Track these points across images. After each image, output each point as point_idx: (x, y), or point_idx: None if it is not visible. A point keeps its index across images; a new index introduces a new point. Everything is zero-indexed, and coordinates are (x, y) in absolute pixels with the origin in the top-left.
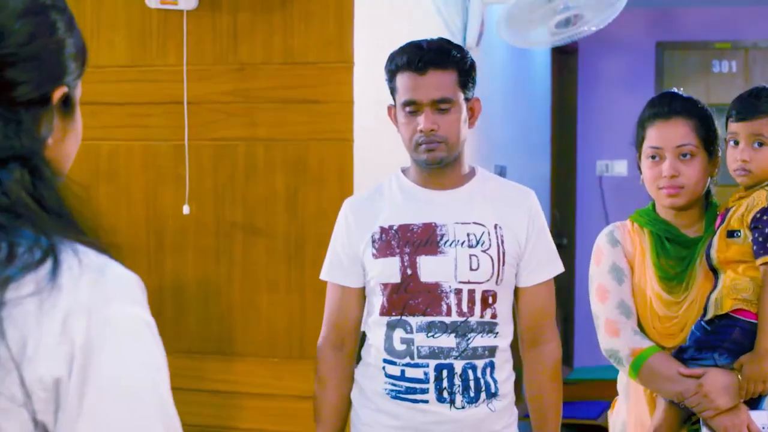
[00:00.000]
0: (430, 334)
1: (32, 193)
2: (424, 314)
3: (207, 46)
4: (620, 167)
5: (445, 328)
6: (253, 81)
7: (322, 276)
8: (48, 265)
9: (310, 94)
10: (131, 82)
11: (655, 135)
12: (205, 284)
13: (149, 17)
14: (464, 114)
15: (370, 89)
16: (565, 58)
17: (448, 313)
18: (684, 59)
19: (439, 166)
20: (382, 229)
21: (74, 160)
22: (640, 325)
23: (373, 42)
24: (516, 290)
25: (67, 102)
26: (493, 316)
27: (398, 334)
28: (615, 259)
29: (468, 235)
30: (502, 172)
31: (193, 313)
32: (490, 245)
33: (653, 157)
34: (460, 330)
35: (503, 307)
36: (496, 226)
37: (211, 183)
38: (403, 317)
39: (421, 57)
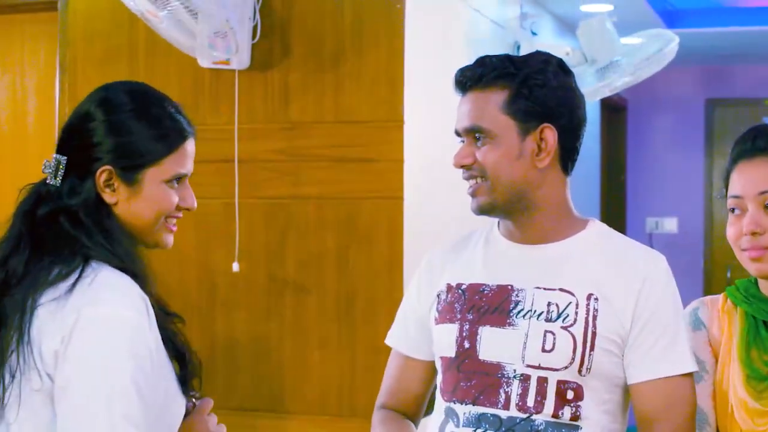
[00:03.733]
0: (479, 431)
1: (78, 227)
2: (475, 402)
3: (258, 105)
4: (670, 224)
5: (498, 425)
6: (303, 140)
7: (386, 340)
8: (73, 279)
9: (361, 152)
10: None
11: (736, 181)
12: (255, 342)
13: (201, 76)
14: (514, 148)
15: (420, 148)
16: (614, 114)
17: (506, 406)
18: (734, 116)
19: (489, 215)
20: (449, 288)
21: None
22: None
23: (424, 101)
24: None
25: (128, 177)
26: (575, 417)
27: (448, 426)
28: (694, 347)
29: (549, 304)
30: None
31: (244, 371)
32: (575, 321)
33: (733, 210)
34: (519, 430)
35: (596, 407)
36: (590, 296)
37: (262, 241)
38: (451, 405)
39: (463, 73)
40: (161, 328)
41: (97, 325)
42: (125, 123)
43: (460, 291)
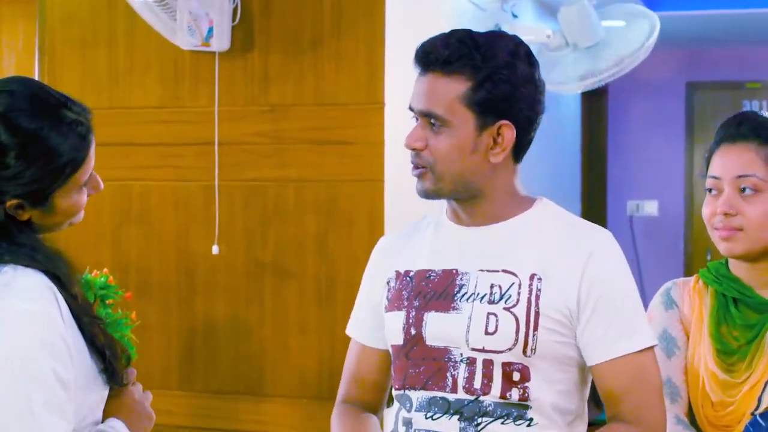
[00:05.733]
0: (429, 415)
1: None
2: (425, 388)
3: (238, 87)
4: (651, 207)
5: (446, 408)
6: (284, 122)
7: (346, 330)
8: None
9: (341, 135)
10: (163, 123)
11: (716, 162)
12: (235, 325)
13: (181, 59)
14: (469, 141)
15: (400, 130)
16: (594, 99)
17: (453, 389)
18: (714, 99)
19: (434, 199)
20: (398, 275)
21: (106, 200)
22: (691, 411)
23: (404, 83)
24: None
25: (40, 204)
26: (524, 398)
27: (401, 413)
28: (667, 325)
29: (491, 286)
30: None
31: (223, 354)
32: (517, 302)
33: (710, 190)
34: (467, 412)
35: (547, 387)
36: (533, 276)
37: (242, 224)
38: (405, 391)
39: (426, 51)
40: (82, 330)
41: (5, 321)
42: (38, 151)
43: (408, 278)
